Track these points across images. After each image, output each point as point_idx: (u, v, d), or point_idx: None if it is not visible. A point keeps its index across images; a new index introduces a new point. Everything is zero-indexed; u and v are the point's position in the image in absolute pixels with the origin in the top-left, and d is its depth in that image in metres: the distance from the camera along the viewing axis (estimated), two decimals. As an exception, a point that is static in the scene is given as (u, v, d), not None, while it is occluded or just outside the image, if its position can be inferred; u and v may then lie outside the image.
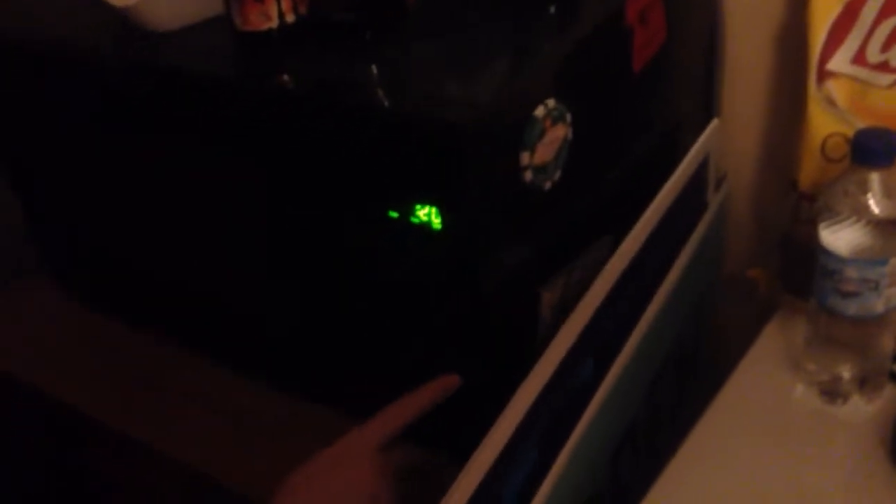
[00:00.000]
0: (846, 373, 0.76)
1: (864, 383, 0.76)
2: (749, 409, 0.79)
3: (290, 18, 0.68)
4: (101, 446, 0.91)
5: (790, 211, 0.82)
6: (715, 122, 0.89)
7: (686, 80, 0.88)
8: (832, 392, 0.77)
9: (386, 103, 0.63)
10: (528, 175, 0.64)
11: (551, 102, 0.64)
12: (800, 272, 0.78)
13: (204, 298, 0.85)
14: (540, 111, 0.63)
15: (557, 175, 0.67)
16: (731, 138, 0.94)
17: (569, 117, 0.66)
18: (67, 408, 0.88)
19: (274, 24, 0.68)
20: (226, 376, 0.87)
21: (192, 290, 0.86)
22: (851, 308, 0.72)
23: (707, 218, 0.91)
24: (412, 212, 0.63)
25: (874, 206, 0.68)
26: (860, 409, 0.76)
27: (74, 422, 0.89)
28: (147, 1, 0.71)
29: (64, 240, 0.94)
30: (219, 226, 0.78)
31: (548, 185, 0.66)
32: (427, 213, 0.63)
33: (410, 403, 0.66)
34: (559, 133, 0.66)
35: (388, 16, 0.69)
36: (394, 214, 0.65)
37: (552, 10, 0.72)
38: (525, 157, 0.63)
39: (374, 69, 0.67)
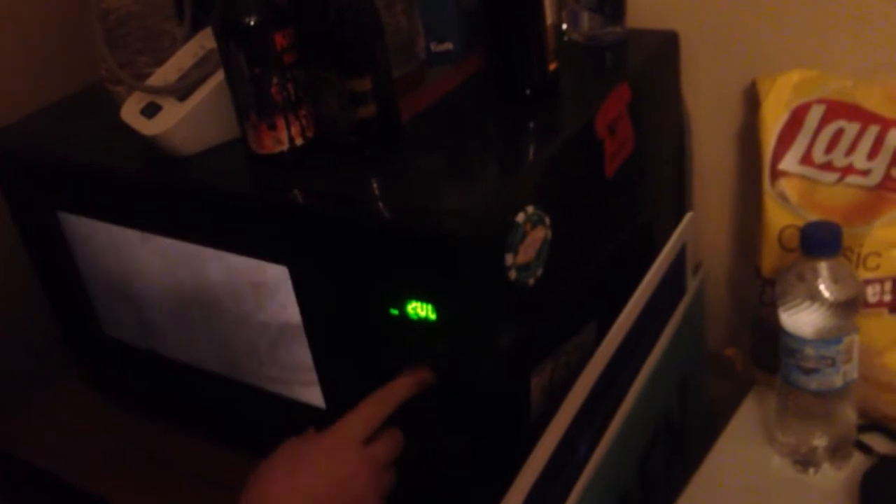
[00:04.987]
0: (817, 443, 0.82)
1: (834, 452, 0.82)
2: (729, 481, 0.84)
3: (299, 142, 0.77)
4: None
5: (757, 295, 0.90)
6: (689, 215, 0.97)
7: (659, 179, 0.97)
8: (805, 462, 0.83)
9: (386, 215, 0.71)
10: (513, 273, 0.72)
11: (530, 208, 0.72)
12: (769, 351, 0.85)
13: (223, 387, 0.92)
14: (520, 217, 0.71)
15: (540, 272, 0.75)
16: (704, 229, 1.02)
17: (547, 220, 0.74)
18: (96, 498, 0.95)
19: (285, 147, 0.76)
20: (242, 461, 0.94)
21: (211, 379, 0.93)
22: (813, 383, 0.78)
23: (686, 302, 0.98)
24: (410, 309, 0.71)
25: (825, 290, 0.76)
26: (831, 476, 0.82)
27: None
28: (171, 130, 0.80)
29: (95, 339, 1.01)
30: (235, 322, 0.86)
31: (531, 281, 0.74)
32: (424, 309, 0.71)
33: (389, 395, 0.70)
34: (539, 235, 0.74)
35: (386, 136, 0.78)
36: (394, 311, 0.72)
37: (530, 125, 0.81)
38: (509, 258, 0.71)
39: (375, 184, 0.75)
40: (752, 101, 0.90)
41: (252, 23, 0.71)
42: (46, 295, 1.02)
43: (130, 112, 0.82)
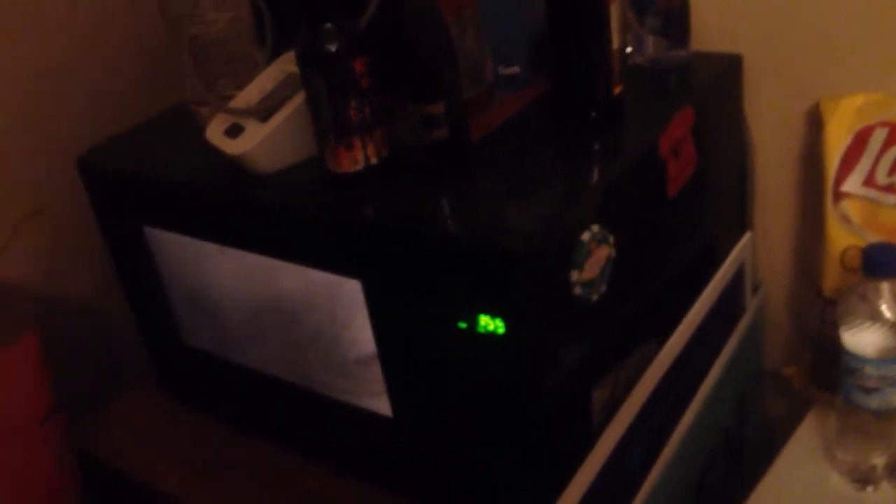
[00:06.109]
0: (875, 461, 0.83)
1: (893, 471, 0.83)
2: (788, 499, 0.86)
3: (374, 161, 0.80)
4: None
5: (818, 315, 0.91)
6: (748, 235, 0.98)
7: (720, 199, 0.98)
8: (863, 480, 0.84)
9: (455, 232, 0.75)
10: (578, 290, 0.75)
11: (595, 227, 0.75)
12: (829, 370, 0.86)
13: (294, 394, 0.96)
14: (586, 235, 0.74)
15: (603, 288, 0.77)
16: (765, 249, 1.03)
17: (611, 239, 0.77)
18: (171, 497, 1.00)
19: (360, 166, 0.80)
20: (317, 470, 0.98)
21: (283, 387, 0.97)
22: (873, 402, 0.79)
23: (745, 321, 1.00)
24: (479, 322, 0.74)
25: (887, 310, 0.77)
26: (889, 494, 0.82)
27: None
28: (254, 150, 0.84)
29: (174, 347, 1.07)
30: (308, 333, 0.90)
31: (595, 297, 0.77)
32: (493, 323, 0.74)
33: None
34: (603, 253, 0.76)
35: (456, 157, 0.81)
36: (463, 325, 0.75)
37: (595, 147, 0.84)
38: (574, 275, 0.74)
39: (446, 202, 0.79)
40: (815, 124, 0.91)
41: (333, 50, 0.75)
42: (130, 304, 1.08)
43: (215, 132, 0.87)
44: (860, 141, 0.86)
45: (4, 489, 0.90)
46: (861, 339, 0.78)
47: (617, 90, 0.85)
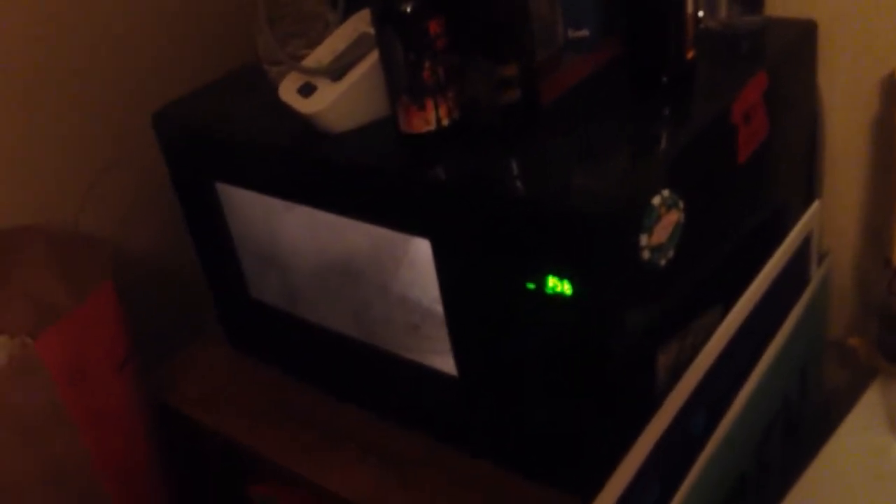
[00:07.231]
0: (941, 434, 0.83)
1: (959, 444, 0.83)
2: (849, 467, 0.86)
3: (445, 122, 0.81)
4: (262, 477, 1.06)
5: (886, 285, 0.90)
6: (816, 204, 0.97)
7: (789, 167, 0.97)
8: (928, 452, 0.84)
9: (526, 194, 0.75)
10: (646, 254, 0.75)
11: (666, 192, 0.75)
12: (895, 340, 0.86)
13: (359, 351, 0.98)
14: (656, 200, 0.74)
15: (671, 253, 0.78)
16: (832, 218, 1.02)
17: (681, 204, 0.77)
18: (238, 445, 1.03)
19: (432, 127, 0.81)
20: (380, 424, 1.00)
21: (349, 343, 0.99)
22: (942, 374, 0.79)
23: (809, 291, 0.99)
24: (547, 283, 0.75)
25: (959, 282, 0.76)
26: (955, 468, 0.83)
27: (242, 456, 1.04)
28: (327, 109, 0.85)
29: (242, 301, 1.09)
30: (375, 290, 0.91)
31: (663, 262, 0.77)
32: (561, 284, 0.75)
33: None
34: (673, 218, 0.77)
35: (527, 119, 0.82)
36: (531, 286, 0.76)
37: (666, 111, 0.84)
38: (643, 239, 0.74)
39: (515, 164, 0.79)
40: (890, 92, 0.90)
41: (409, 11, 0.76)
42: (200, 258, 1.10)
43: (288, 91, 0.88)
44: (938, 110, 0.85)
45: (86, 433, 0.94)
46: (931, 311, 0.78)
47: (689, 55, 0.85)
